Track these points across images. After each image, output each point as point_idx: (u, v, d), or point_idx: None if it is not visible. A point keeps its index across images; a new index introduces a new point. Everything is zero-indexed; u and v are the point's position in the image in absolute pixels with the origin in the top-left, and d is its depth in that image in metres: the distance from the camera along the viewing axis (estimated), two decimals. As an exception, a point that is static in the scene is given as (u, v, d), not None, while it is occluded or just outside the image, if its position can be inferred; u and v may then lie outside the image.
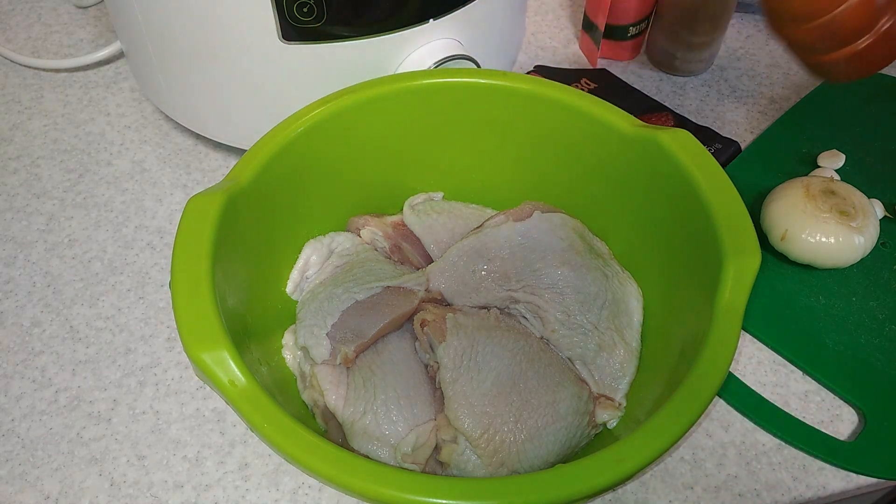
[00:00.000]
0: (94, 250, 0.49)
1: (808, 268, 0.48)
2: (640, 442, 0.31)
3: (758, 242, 0.37)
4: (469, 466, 0.36)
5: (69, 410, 0.42)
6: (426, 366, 0.40)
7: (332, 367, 0.39)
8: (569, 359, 0.41)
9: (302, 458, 0.30)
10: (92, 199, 0.52)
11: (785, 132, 0.56)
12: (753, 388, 0.44)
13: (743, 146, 0.56)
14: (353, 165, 0.45)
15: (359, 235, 0.46)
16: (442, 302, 0.43)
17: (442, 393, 0.38)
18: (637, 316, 0.43)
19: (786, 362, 0.45)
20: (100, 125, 0.57)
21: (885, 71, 0.63)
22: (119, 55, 0.59)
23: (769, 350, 0.46)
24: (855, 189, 0.47)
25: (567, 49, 0.64)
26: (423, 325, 0.40)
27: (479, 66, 0.47)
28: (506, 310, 0.42)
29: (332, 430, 0.39)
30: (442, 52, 0.46)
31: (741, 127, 0.58)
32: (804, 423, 0.42)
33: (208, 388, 0.40)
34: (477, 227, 0.46)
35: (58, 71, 0.60)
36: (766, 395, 0.43)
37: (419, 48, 0.46)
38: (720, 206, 0.38)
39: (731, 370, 0.44)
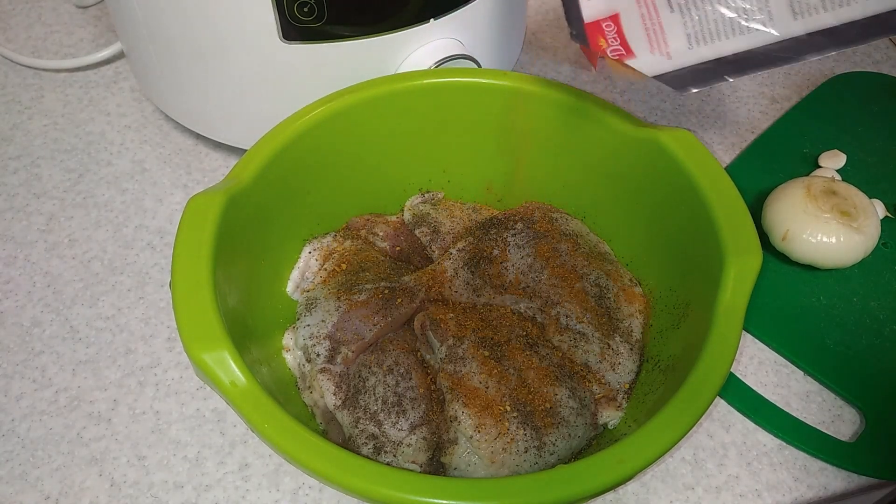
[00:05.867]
0: (95, 250, 0.49)
1: (809, 268, 0.48)
2: (641, 442, 0.31)
3: (759, 242, 0.37)
4: (470, 467, 0.36)
5: (69, 410, 0.42)
6: (427, 366, 0.40)
7: (333, 367, 0.39)
8: (570, 359, 0.41)
9: (302, 459, 0.30)
10: (92, 199, 0.52)
11: (786, 132, 0.56)
12: (754, 388, 0.44)
13: (744, 146, 0.56)
14: (353, 165, 0.45)
15: (359, 235, 0.46)
16: (443, 302, 0.43)
17: (443, 393, 0.38)
18: (638, 316, 0.43)
19: (787, 363, 0.45)
20: (100, 125, 0.57)
21: (885, 71, 0.63)
22: (119, 55, 0.59)
23: (770, 350, 0.46)
24: (856, 189, 0.47)
25: (567, 49, 0.64)
26: (423, 325, 0.40)
27: (479, 65, 0.47)
28: (507, 311, 0.42)
29: (332, 431, 0.39)
30: (442, 52, 0.46)
31: (742, 127, 0.58)
32: (805, 424, 0.42)
33: (208, 388, 0.40)
34: (478, 228, 0.46)
35: (58, 71, 0.60)
36: (767, 396, 0.43)
37: (419, 48, 0.46)
38: (721, 205, 0.38)
39: (732, 370, 0.44)
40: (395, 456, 0.36)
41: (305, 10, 0.42)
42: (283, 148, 0.40)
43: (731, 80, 0.34)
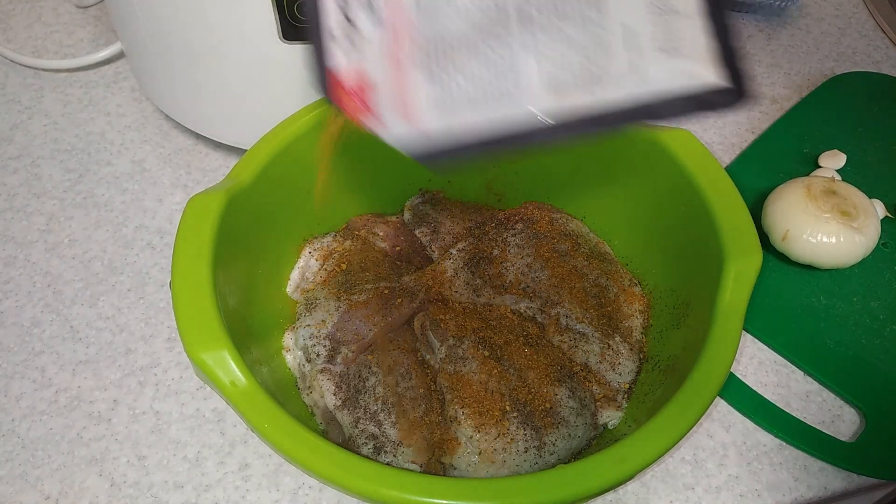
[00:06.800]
0: (94, 250, 0.49)
1: (809, 268, 0.47)
2: (642, 442, 0.31)
3: (759, 242, 0.37)
4: (470, 467, 0.36)
5: (69, 410, 0.42)
6: (427, 366, 0.40)
7: (333, 367, 0.39)
8: (570, 359, 0.40)
9: (302, 459, 0.30)
10: (92, 199, 0.52)
11: (786, 132, 0.56)
12: (754, 388, 0.44)
13: (744, 146, 0.56)
14: (354, 165, 0.45)
15: (359, 235, 0.46)
16: (443, 302, 0.43)
17: (443, 393, 0.38)
18: (638, 316, 0.43)
19: (787, 363, 0.45)
20: (100, 125, 0.57)
21: (885, 71, 0.63)
22: (119, 55, 0.59)
23: (770, 350, 0.46)
24: (856, 189, 0.47)
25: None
26: (423, 325, 0.40)
27: (479, 65, 0.47)
28: (507, 311, 0.42)
29: (332, 431, 0.39)
30: (442, 51, 0.46)
31: (742, 127, 0.58)
32: (805, 424, 0.42)
33: (208, 388, 0.40)
34: (478, 228, 0.46)
35: (58, 71, 0.60)
36: (767, 396, 0.43)
37: (420, 48, 0.46)
38: (721, 206, 0.38)
39: (732, 370, 0.44)
40: (395, 456, 0.36)
41: (305, 10, 0.42)
42: (283, 148, 0.40)
43: (481, 154, 0.31)
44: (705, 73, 0.31)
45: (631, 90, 0.31)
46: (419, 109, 0.31)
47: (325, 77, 0.31)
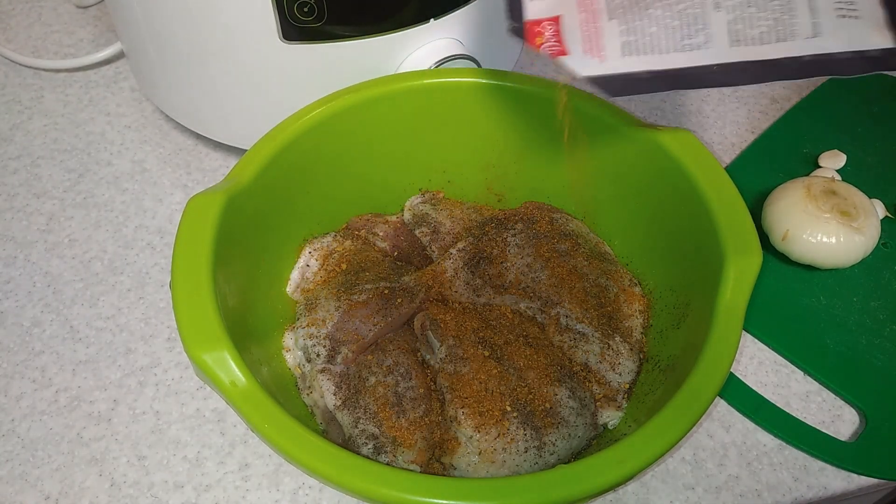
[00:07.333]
0: (94, 250, 0.49)
1: (809, 268, 0.48)
2: (642, 442, 0.31)
3: (759, 242, 0.37)
4: (470, 467, 0.36)
5: (69, 410, 0.42)
6: (427, 366, 0.40)
7: (333, 367, 0.39)
8: (570, 359, 0.40)
9: (302, 459, 0.30)
10: (92, 199, 0.52)
11: (786, 132, 0.56)
12: (754, 388, 0.44)
13: (744, 146, 0.56)
14: (353, 165, 0.45)
15: (359, 235, 0.46)
16: (443, 302, 0.43)
17: (442, 393, 0.38)
18: (638, 316, 0.43)
19: (787, 363, 0.45)
20: (100, 125, 0.57)
21: (885, 71, 0.63)
22: (119, 55, 0.59)
23: (770, 350, 0.46)
24: (856, 189, 0.47)
25: (567, 49, 0.64)
26: (423, 325, 0.40)
27: (479, 65, 0.47)
28: (507, 311, 0.42)
29: (332, 431, 0.39)
30: (442, 52, 0.46)
31: (742, 127, 0.58)
32: (805, 424, 0.42)
33: (208, 388, 0.40)
34: (478, 228, 0.46)
35: (58, 71, 0.60)
36: (767, 396, 0.43)
37: (419, 48, 0.46)
38: (721, 206, 0.38)
39: (732, 370, 0.44)
40: (395, 456, 0.36)
41: (305, 10, 0.42)
42: (282, 148, 0.40)
43: (662, 91, 0.35)
44: (881, 36, 0.33)
45: (812, 49, 0.33)
46: (612, 53, 0.34)
47: (523, 24, 0.35)
